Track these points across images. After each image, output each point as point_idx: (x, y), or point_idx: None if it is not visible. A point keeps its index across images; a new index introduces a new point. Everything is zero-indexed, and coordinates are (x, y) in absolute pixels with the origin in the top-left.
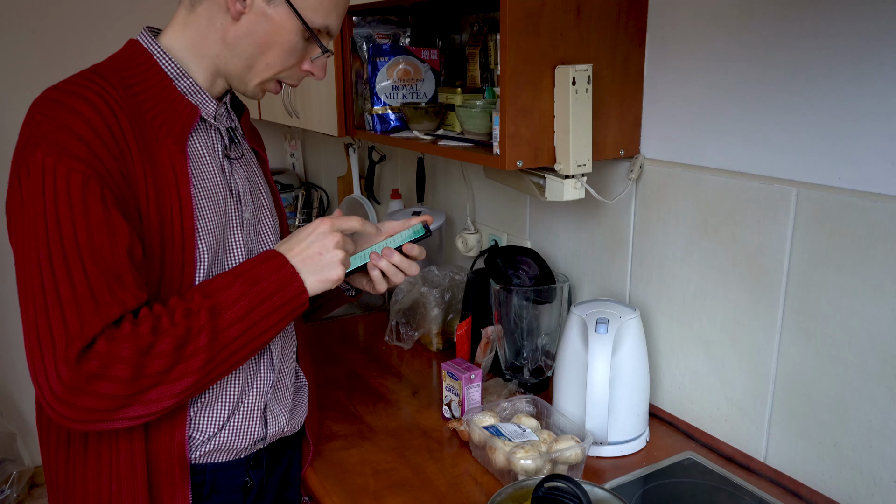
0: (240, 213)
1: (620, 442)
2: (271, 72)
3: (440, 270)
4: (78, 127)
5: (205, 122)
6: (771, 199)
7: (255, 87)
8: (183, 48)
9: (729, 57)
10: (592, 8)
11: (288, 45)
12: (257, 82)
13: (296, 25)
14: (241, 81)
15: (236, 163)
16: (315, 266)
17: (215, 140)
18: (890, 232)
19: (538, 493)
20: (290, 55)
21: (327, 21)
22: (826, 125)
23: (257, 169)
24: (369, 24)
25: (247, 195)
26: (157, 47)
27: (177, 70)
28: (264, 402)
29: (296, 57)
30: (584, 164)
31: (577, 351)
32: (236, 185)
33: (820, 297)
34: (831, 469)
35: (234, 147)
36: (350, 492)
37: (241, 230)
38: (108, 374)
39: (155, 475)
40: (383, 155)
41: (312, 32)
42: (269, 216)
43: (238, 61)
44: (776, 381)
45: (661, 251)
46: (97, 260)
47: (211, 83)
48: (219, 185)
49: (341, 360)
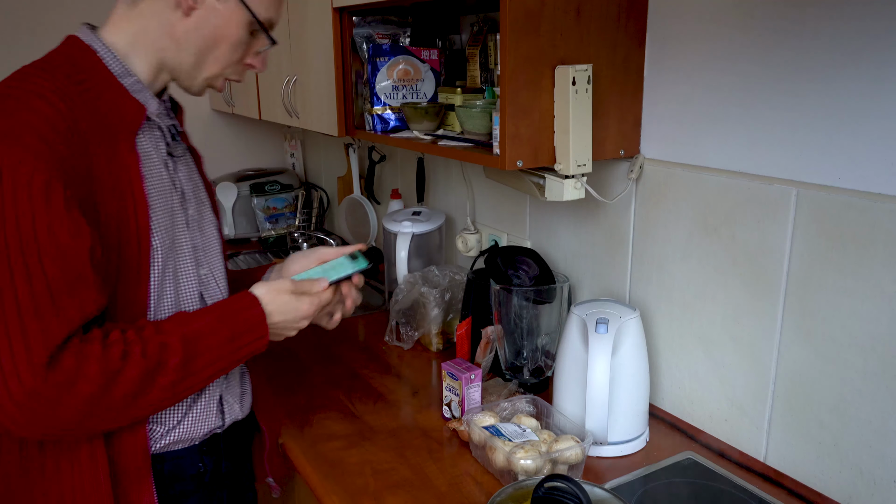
0: (185, 210)
1: (620, 442)
2: (219, 66)
3: (440, 270)
4: (39, 125)
5: (149, 120)
6: (771, 199)
7: (201, 83)
8: (125, 44)
9: (729, 57)
10: (592, 8)
11: (235, 39)
12: (204, 78)
13: (244, 19)
14: (189, 77)
15: (179, 160)
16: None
17: (158, 138)
18: (890, 232)
19: (538, 493)
20: (237, 49)
21: (270, 14)
22: (826, 125)
23: (194, 167)
24: (369, 24)
25: (189, 192)
26: (100, 44)
27: (121, 67)
28: (219, 392)
29: (241, 51)
30: (584, 164)
31: (577, 351)
32: (180, 183)
33: (820, 297)
34: (831, 469)
35: (176, 145)
36: (350, 492)
37: (187, 227)
38: (74, 389)
39: (118, 467)
40: (383, 155)
41: (262, 25)
42: (209, 212)
43: (186, 57)
44: (776, 381)
45: (661, 251)
46: (59, 262)
47: (154, 78)
48: (165, 182)
49: (341, 360)
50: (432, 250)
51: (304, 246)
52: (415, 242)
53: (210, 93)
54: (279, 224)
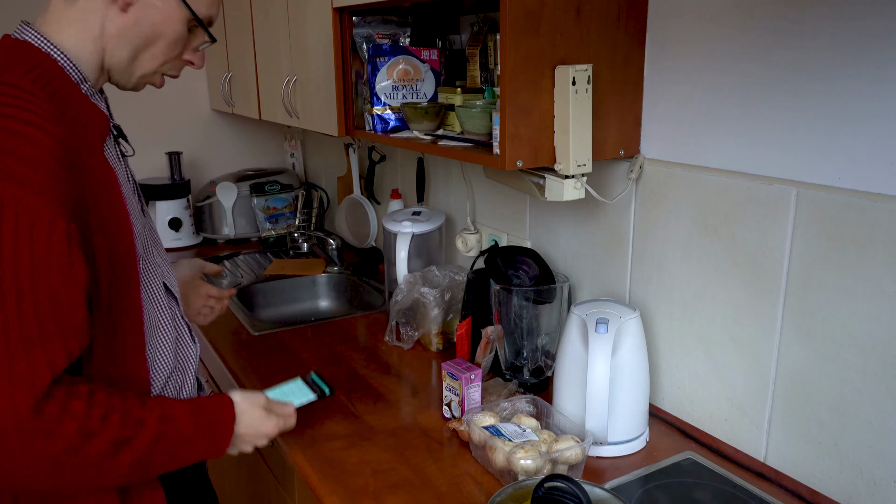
0: (141, 204)
1: (620, 442)
2: (156, 63)
3: (440, 270)
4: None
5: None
6: (771, 199)
7: (137, 80)
8: (72, 45)
9: (729, 57)
10: (592, 8)
11: (174, 36)
12: (141, 75)
13: (183, 15)
14: (125, 74)
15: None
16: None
17: (111, 141)
18: (890, 232)
19: (538, 493)
20: (175, 46)
21: (210, 11)
22: (826, 125)
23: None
24: (369, 24)
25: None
26: (53, 48)
27: (77, 73)
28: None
29: (179, 47)
30: (584, 164)
31: (577, 351)
32: (133, 179)
33: (820, 297)
34: (831, 469)
35: (125, 144)
36: (350, 492)
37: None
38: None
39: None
40: (383, 155)
41: (201, 22)
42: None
43: (123, 54)
44: (776, 381)
45: (661, 251)
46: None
47: (97, 80)
48: (129, 185)
49: (341, 360)
50: (432, 250)
51: (304, 246)
52: (415, 242)
53: (211, 93)
54: (279, 224)
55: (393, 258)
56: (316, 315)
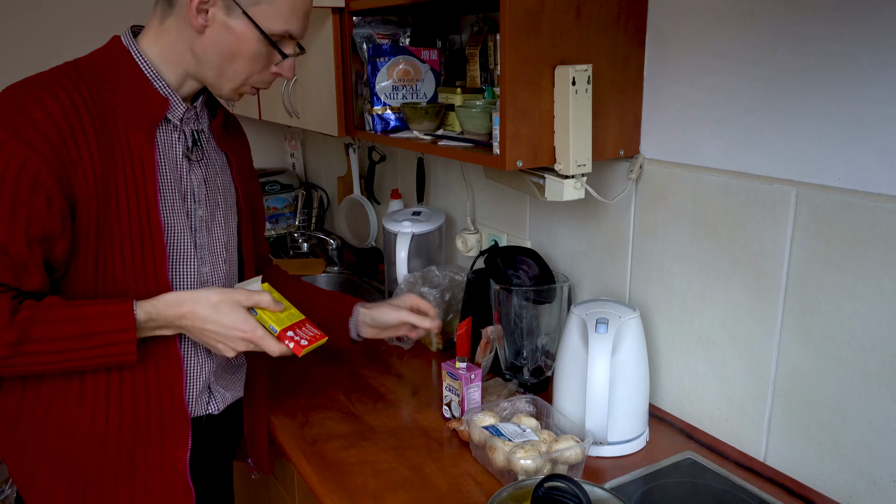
0: (193, 211)
1: (620, 442)
2: (240, 78)
3: (440, 270)
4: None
5: (170, 122)
6: (771, 199)
7: (229, 92)
8: (155, 56)
9: (729, 57)
10: (592, 8)
11: (251, 53)
12: (230, 88)
13: (256, 35)
14: (215, 87)
15: (196, 164)
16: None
17: (177, 141)
18: (890, 232)
19: (538, 493)
20: (255, 62)
21: (288, 27)
22: (826, 125)
23: (221, 170)
24: (369, 24)
25: (202, 195)
26: (135, 49)
27: (152, 72)
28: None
29: (261, 63)
30: (583, 164)
31: (577, 351)
32: (191, 185)
33: (820, 298)
34: (831, 469)
35: (197, 149)
36: (350, 492)
37: (191, 226)
38: None
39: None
40: (383, 155)
41: (271, 41)
42: (222, 215)
43: (208, 70)
44: (776, 381)
45: (661, 251)
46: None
47: (180, 84)
48: (174, 181)
49: (341, 360)
50: (432, 250)
51: (304, 246)
52: (415, 242)
53: None
54: (279, 224)
55: (393, 258)
56: None
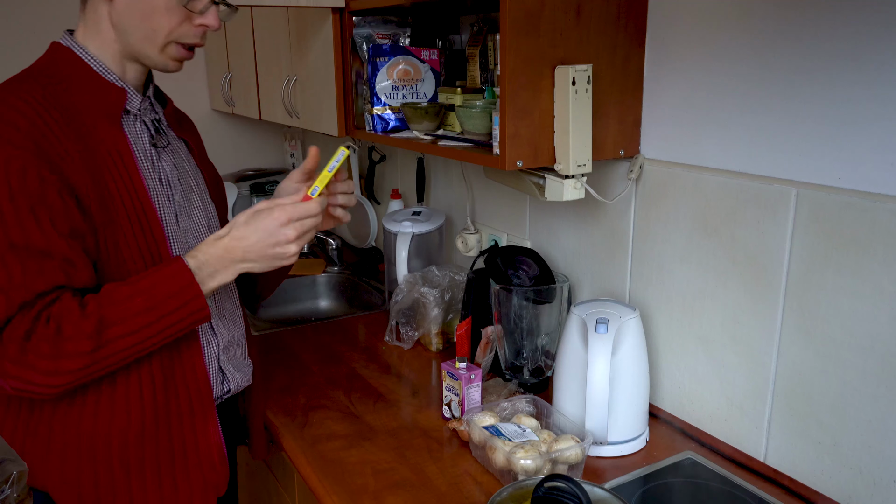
0: (170, 198)
1: (620, 442)
2: (162, 36)
3: (440, 270)
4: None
5: (130, 113)
6: (771, 199)
7: (159, 57)
8: (95, 48)
9: (729, 57)
10: (592, 8)
11: (163, 5)
12: (157, 50)
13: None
14: (146, 56)
15: (163, 151)
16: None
17: (141, 131)
18: (890, 232)
19: (538, 493)
20: (171, 14)
21: None
22: (826, 125)
23: (185, 156)
24: (369, 25)
25: (175, 180)
26: (77, 47)
27: (100, 65)
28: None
29: (178, 14)
30: (583, 164)
31: (577, 351)
32: (164, 172)
33: (820, 297)
34: (831, 469)
35: (160, 137)
36: (350, 492)
37: (173, 213)
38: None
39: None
40: (383, 155)
41: None
42: (198, 198)
43: (131, 38)
44: (776, 381)
45: (661, 251)
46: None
47: (123, 69)
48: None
49: (341, 360)
50: (432, 250)
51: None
52: (415, 242)
53: (211, 93)
54: None
55: (393, 258)
56: (316, 315)
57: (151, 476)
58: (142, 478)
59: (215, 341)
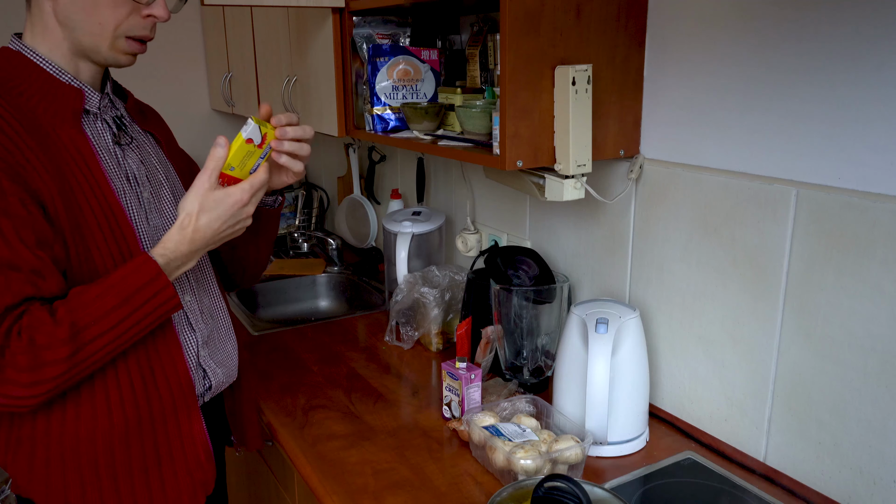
0: (138, 196)
1: (620, 442)
2: (110, 29)
3: (440, 270)
4: None
5: (90, 113)
6: (771, 199)
7: (109, 52)
8: (45, 49)
9: (729, 57)
10: (592, 8)
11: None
12: (107, 45)
13: None
14: (95, 52)
15: (128, 148)
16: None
17: (103, 130)
18: (890, 232)
19: (538, 493)
20: (119, 6)
21: None
22: (826, 125)
23: (152, 150)
24: (369, 25)
25: (143, 177)
26: (27, 50)
27: (53, 66)
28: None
29: (126, 6)
30: (583, 164)
31: (577, 351)
32: (131, 169)
33: (820, 297)
34: (831, 469)
35: (124, 134)
36: (350, 492)
37: (142, 210)
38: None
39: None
40: (383, 155)
41: None
42: (168, 192)
43: (79, 35)
44: (776, 381)
45: (661, 251)
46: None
47: (76, 69)
48: (112, 168)
49: (341, 360)
50: (432, 250)
51: (304, 246)
52: (415, 242)
53: (211, 93)
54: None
55: (393, 258)
56: (316, 315)
57: (139, 477)
58: (129, 480)
59: (193, 337)
